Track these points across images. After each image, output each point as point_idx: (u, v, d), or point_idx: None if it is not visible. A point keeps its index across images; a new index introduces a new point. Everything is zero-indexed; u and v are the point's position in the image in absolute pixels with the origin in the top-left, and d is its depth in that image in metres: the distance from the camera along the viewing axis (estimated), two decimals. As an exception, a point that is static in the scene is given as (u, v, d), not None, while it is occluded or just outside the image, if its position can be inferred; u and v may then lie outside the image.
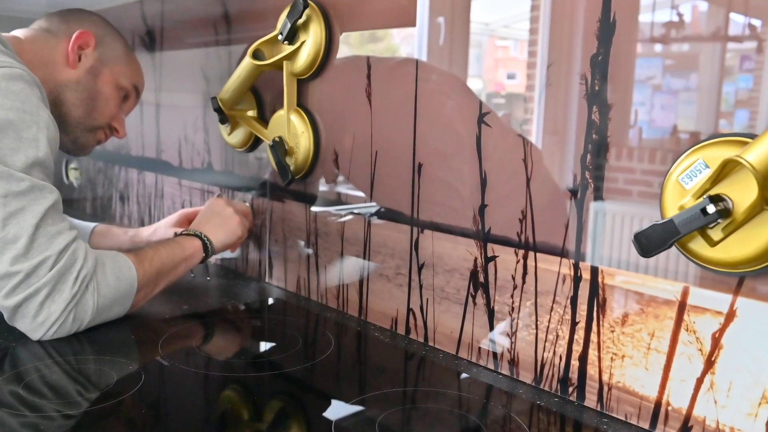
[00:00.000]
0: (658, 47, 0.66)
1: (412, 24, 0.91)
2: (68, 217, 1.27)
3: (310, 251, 1.10)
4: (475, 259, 0.83)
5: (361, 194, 0.99)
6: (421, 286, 0.91)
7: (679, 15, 0.65)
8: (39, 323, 0.82)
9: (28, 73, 0.86)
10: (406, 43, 0.96)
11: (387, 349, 0.90)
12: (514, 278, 0.79)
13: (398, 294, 0.94)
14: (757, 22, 0.60)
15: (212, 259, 1.18)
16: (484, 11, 0.85)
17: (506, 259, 0.80)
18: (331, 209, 1.05)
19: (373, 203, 0.97)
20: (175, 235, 1.08)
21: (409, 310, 0.93)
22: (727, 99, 0.62)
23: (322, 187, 1.07)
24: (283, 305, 1.10)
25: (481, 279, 0.83)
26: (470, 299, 0.84)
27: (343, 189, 1.03)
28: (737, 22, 0.61)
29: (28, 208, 0.81)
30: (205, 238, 1.06)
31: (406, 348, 0.90)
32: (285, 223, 1.16)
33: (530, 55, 0.79)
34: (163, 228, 1.21)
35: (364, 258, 1.00)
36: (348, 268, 1.03)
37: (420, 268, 0.91)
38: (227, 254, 1.30)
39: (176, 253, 1.01)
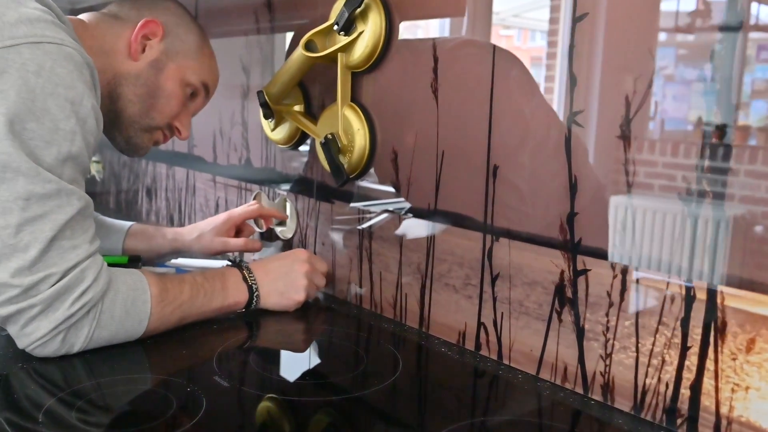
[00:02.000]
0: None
1: (462, 14, 0.88)
2: (101, 216, 1.20)
3: (363, 256, 1.03)
4: (562, 272, 0.76)
5: (423, 196, 0.92)
6: (494, 299, 0.84)
7: (706, 3, 0.62)
8: (26, 334, 0.74)
9: (78, 52, 0.76)
10: (410, 33, 0.94)
11: (455, 365, 0.83)
12: (609, 295, 0.71)
13: (467, 306, 0.87)
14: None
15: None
16: (503, 1, 0.82)
17: (600, 273, 0.72)
18: (387, 212, 0.98)
19: (438, 207, 0.90)
20: (235, 263, 0.98)
21: (480, 324, 0.86)
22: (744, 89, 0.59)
23: (378, 186, 1.00)
24: (331, 314, 1.03)
25: (569, 294, 0.75)
26: (555, 315, 0.77)
27: (403, 189, 0.95)
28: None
29: (48, 215, 0.72)
30: (255, 298, 0.95)
31: (477, 365, 0.83)
32: (334, 225, 1.09)
33: (550, 46, 0.74)
34: (209, 235, 1.12)
35: (427, 266, 0.92)
36: (407, 276, 0.96)
37: (494, 280, 0.84)
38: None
39: (215, 300, 0.90)
